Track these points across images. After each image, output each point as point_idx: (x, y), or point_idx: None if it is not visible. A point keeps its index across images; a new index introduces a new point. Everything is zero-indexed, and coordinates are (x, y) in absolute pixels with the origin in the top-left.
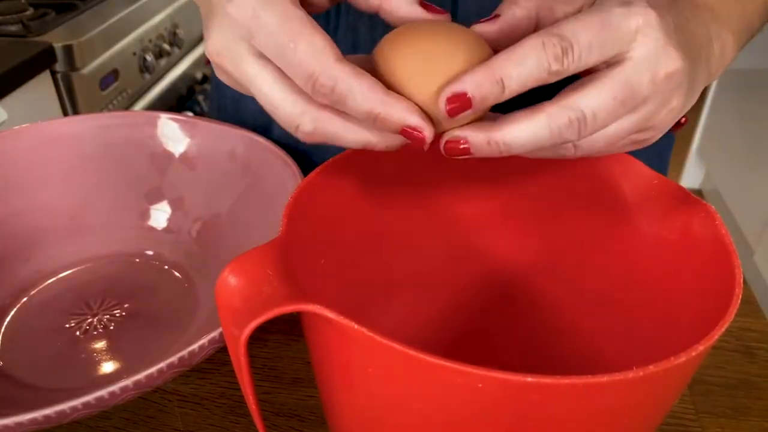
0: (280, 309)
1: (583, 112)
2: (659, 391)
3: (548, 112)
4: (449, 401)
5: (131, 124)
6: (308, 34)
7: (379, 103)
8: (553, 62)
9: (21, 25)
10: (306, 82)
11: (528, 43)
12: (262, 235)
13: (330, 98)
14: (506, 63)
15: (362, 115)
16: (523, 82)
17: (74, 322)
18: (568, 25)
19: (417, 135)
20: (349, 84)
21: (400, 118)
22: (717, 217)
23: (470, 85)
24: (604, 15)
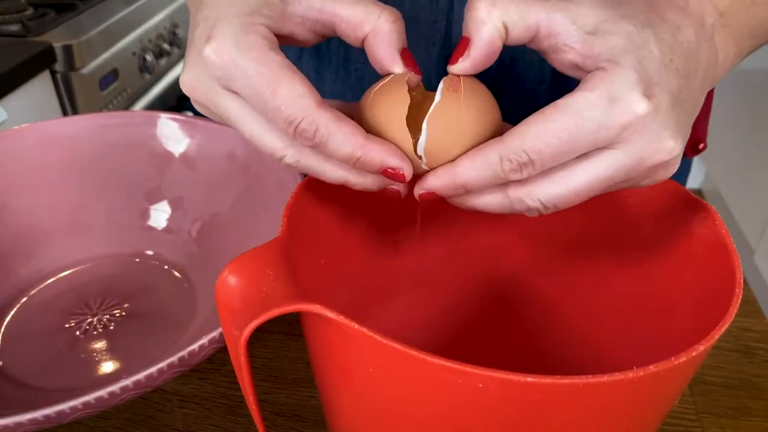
0: (280, 309)
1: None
2: (659, 391)
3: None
4: (449, 401)
5: (131, 124)
6: (288, 80)
7: (359, 147)
8: (511, 173)
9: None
10: (287, 126)
11: (487, 156)
12: (262, 235)
13: (311, 142)
14: (467, 171)
15: (343, 157)
16: (483, 187)
17: (74, 322)
18: (531, 137)
19: (397, 174)
20: (329, 129)
21: (380, 160)
22: (717, 217)
23: (437, 188)
24: (576, 120)
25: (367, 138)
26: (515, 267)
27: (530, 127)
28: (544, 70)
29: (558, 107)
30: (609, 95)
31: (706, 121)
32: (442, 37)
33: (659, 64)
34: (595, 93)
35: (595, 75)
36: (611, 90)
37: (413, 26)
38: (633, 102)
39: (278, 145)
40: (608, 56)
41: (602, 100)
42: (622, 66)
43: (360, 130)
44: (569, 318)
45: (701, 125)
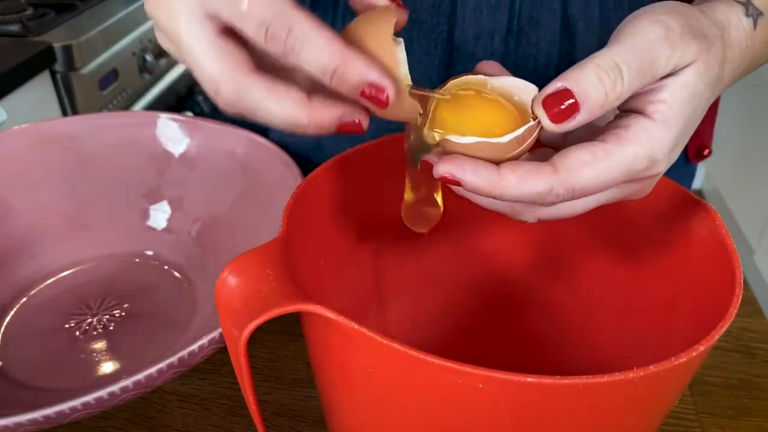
0: (279, 309)
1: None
2: (659, 392)
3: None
4: (450, 401)
5: (131, 124)
6: None
7: (338, 54)
8: (549, 203)
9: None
10: (258, 28)
11: (538, 183)
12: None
13: (284, 46)
14: (510, 190)
15: (318, 67)
16: (514, 201)
17: (74, 322)
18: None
19: (378, 97)
20: (305, 31)
21: (361, 73)
22: (717, 217)
23: (470, 183)
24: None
25: (347, 46)
26: (515, 267)
27: (585, 170)
28: (551, 55)
29: (611, 156)
30: (651, 155)
31: (711, 127)
32: (444, 41)
33: (693, 126)
34: (643, 150)
35: (645, 129)
36: (654, 152)
37: (415, 28)
38: (661, 166)
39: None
40: (666, 112)
41: (646, 159)
42: (670, 130)
43: (340, 38)
44: (569, 318)
45: (706, 131)
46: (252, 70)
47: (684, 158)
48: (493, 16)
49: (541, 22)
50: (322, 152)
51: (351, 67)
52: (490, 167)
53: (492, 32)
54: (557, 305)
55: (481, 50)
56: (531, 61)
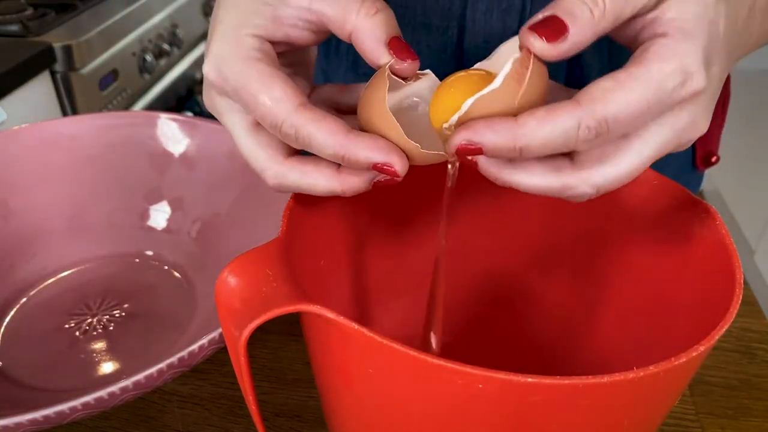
0: (279, 309)
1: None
2: (659, 392)
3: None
4: (449, 402)
5: (131, 124)
6: (267, 88)
7: (340, 146)
8: (582, 143)
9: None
10: (274, 131)
11: (564, 118)
12: (262, 235)
13: (298, 143)
14: (533, 134)
15: (329, 156)
16: (542, 154)
17: (74, 322)
18: (614, 104)
19: (388, 170)
20: (308, 130)
21: (366, 157)
22: (717, 217)
23: (489, 143)
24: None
25: (348, 134)
26: (515, 267)
27: (610, 94)
28: None
29: (634, 76)
30: (683, 68)
31: (719, 133)
32: (454, 44)
33: (721, 45)
34: (670, 65)
35: (665, 45)
36: (685, 63)
37: (425, 32)
38: (699, 79)
39: (259, 165)
40: (681, 25)
41: (678, 74)
42: (694, 41)
43: (343, 127)
44: (569, 318)
45: (714, 138)
46: (285, 158)
47: (691, 165)
48: (503, 19)
49: None
50: None
51: (355, 154)
52: (505, 119)
53: (502, 36)
54: (557, 305)
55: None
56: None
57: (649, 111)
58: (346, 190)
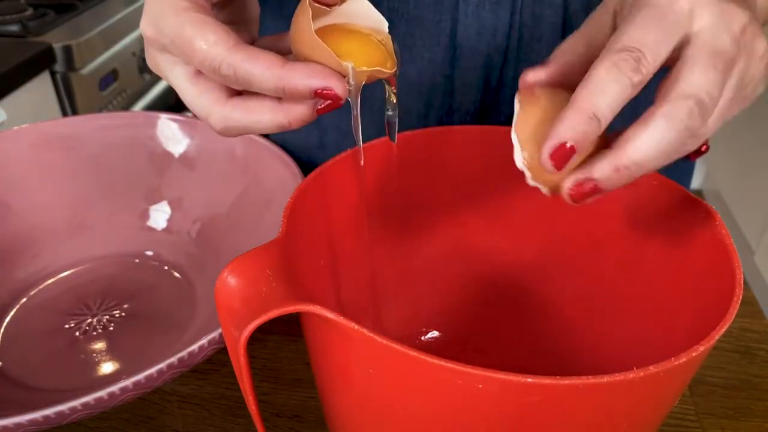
0: (279, 310)
1: (697, 95)
2: (659, 392)
3: (663, 112)
4: (449, 402)
5: (131, 125)
6: (201, 33)
7: (278, 78)
8: (634, 75)
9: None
10: (213, 74)
11: (601, 69)
12: (262, 235)
13: (238, 83)
14: (591, 97)
15: (269, 91)
16: (615, 108)
17: (74, 322)
18: (627, 35)
19: (330, 94)
20: (245, 68)
21: (305, 84)
22: (717, 217)
23: (566, 132)
24: (653, 10)
25: (285, 65)
26: (515, 267)
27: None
28: None
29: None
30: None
31: None
32: (447, 37)
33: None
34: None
35: None
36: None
37: (418, 26)
38: None
39: (204, 109)
40: None
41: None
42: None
43: (278, 59)
44: (569, 318)
45: None
46: (227, 99)
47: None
48: (495, 11)
49: (543, 18)
50: (324, 151)
51: (294, 83)
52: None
53: (494, 28)
54: (557, 305)
55: (484, 46)
56: (534, 57)
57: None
58: (291, 120)
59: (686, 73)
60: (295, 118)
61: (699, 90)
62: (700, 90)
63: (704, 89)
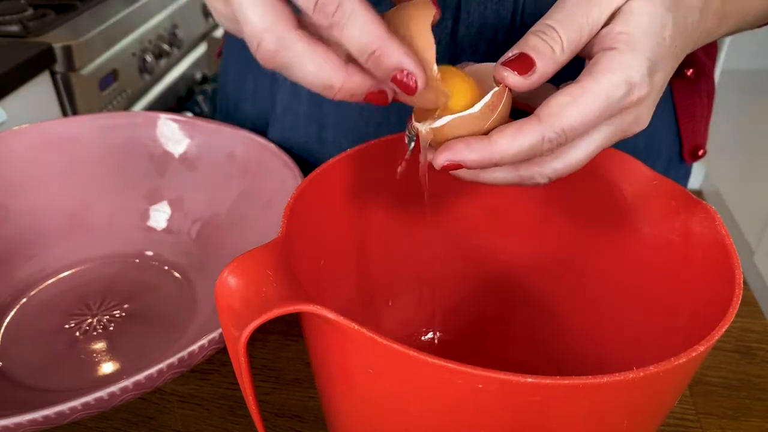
0: (279, 309)
1: (564, 131)
2: (659, 392)
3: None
4: (449, 402)
5: (131, 125)
6: None
7: (379, 38)
8: (547, 150)
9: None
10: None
11: (530, 134)
12: (262, 235)
13: (330, 19)
14: (505, 149)
15: (358, 46)
16: (515, 162)
17: (74, 322)
18: (569, 118)
19: (409, 81)
20: (354, 8)
21: (397, 60)
22: (717, 217)
23: (468, 158)
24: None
25: (389, 31)
26: (515, 267)
27: (566, 109)
28: None
29: (587, 90)
30: (628, 80)
31: (705, 127)
32: (448, 35)
33: (666, 51)
34: (617, 76)
35: (612, 57)
36: (629, 75)
37: None
38: (643, 87)
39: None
40: (628, 38)
41: (624, 85)
42: (638, 53)
43: (383, 22)
44: (569, 318)
45: (701, 131)
46: (296, 26)
47: (679, 158)
48: (496, 11)
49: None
50: (323, 146)
51: (389, 52)
52: (479, 138)
53: (495, 27)
54: (557, 305)
55: (485, 45)
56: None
57: (600, 118)
58: (343, 86)
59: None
60: (348, 88)
61: (569, 130)
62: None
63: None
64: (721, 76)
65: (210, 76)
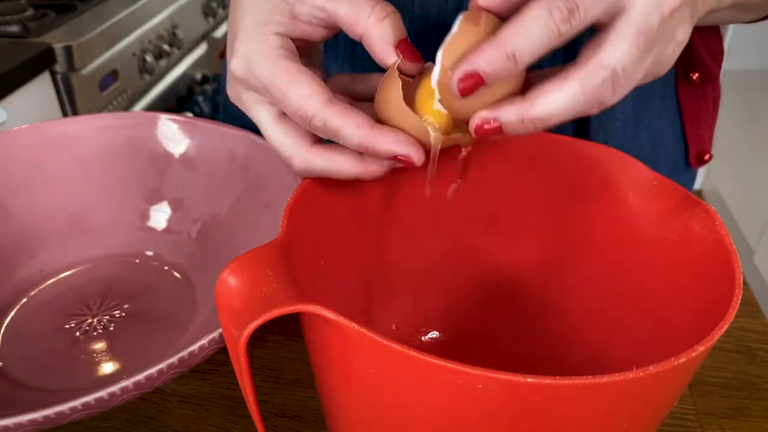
0: (279, 310)
1: (614, 68)
2: (659, 392)
3: (579, 77)
4: (449, 402)
5: (131, 125)
6: (297, 84)
7: (364, 138)
8: (561, 24)
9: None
10: (302, 123)
11: (534, 11)
12: (262, 236)
13: (324, 134)
14: (515, 36)
15: (355, 147)
16: (536, 53)
17: (74, 322)
18: None
19: (406, 160)
20: (336, 124)
21: (387, 149)
22: (717, 217)
23: (482, 62)
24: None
25: (372, 128)
26: (515, 267)
27: None
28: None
29: None
30: None
31: (711, 131)
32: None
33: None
34: None
35: None
36: None
37: (422, 24)
38: None
39: (288, 152)
40: None
41: None
42: None
43: (366, 120)
44: (569, 318)
45: (707, 136)
46: (311, 145)
47: (684, 162)
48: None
49: None
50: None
51: (377, 146)
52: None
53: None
54: (557, 305)
55: None
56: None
57: None
58: (368, 173)
59: (610, 45)
60: (371, 173)
61: (618, 63)
62: (619, 63)
63: (622, 64)
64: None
65: (210, 76)
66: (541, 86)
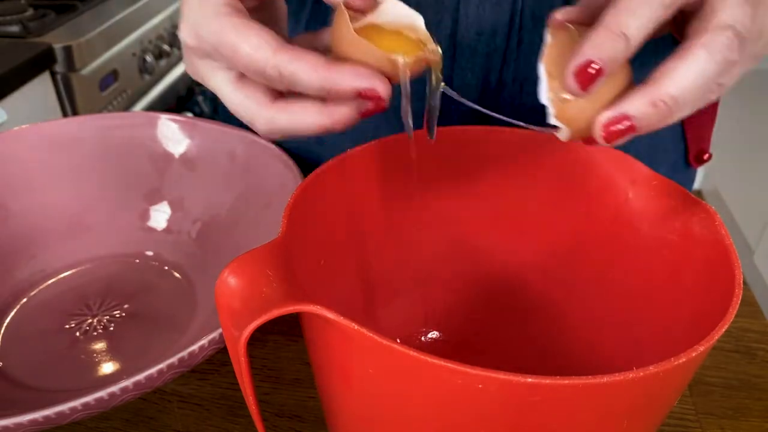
0: (279, 310)
1: (734, 26)
2: (659, 392)
3: (702, 43)
4: (449, 402)
5: (131, 125)
6: (244, 37)
7: (323, 78)
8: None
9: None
10: (258, 77)
11: None
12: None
13: (283, 84)
14: (620, 16)
15: (315, 92)
16: (645, 28)
17: (74, 322)
18: None
19: (373, 95)
20: (291, 69)
21: (350, 84)
22: (717, 217)
23: (592, 50)
24: None
25: (330, 66)
26: (515, 267)
27: None
28: None
29: None
30: None
31: (710, 132)
32: (448, 37)
33: None
34: None
35: None
36: None
37: None
38: None
39: (248, 113)
40: None
41: None
42: None
43: (321, 60)
44: (569, 318)
45: (706, 135)
46: (271, 102)
47: (683, 162)
48: (495, 12)
49: (543, 19)
50: (323, 147)
51: (338, 84)
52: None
53: (494, 29)
54: (557, 305)
55: (484, 47)
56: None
57: None
58: (335, 122)
59: (721, 6)
60: (338, 120)
61: (735, 21)
62: (737, 22)
63: (740, 21)
64: None
65: None
66: (661, 67)
